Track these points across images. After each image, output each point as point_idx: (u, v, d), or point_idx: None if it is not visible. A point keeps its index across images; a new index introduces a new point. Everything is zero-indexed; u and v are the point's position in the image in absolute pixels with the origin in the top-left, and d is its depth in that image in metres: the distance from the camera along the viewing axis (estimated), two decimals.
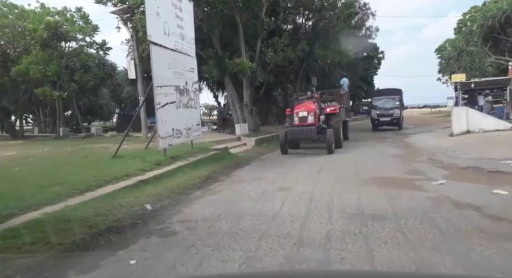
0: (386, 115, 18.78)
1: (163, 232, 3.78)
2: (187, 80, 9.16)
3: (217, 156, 9.44)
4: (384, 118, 18.79)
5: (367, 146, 12.31)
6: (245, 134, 14.68)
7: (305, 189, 5.51)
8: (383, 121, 18.92)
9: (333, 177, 6.52)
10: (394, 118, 18.68)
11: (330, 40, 22.96)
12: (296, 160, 9.24)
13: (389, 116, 18.73)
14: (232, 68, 14.62)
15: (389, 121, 18.78)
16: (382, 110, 18.98)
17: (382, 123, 19.00)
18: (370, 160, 8.76)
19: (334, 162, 8.69)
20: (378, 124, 19.07)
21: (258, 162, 9.35)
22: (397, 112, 18.74)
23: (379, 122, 19.02)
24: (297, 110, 10.64)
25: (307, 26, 23.64)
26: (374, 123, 19.34)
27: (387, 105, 19.09)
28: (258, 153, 11.53)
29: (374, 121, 19.30)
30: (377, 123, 19.07)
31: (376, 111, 19.28)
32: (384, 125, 19.13)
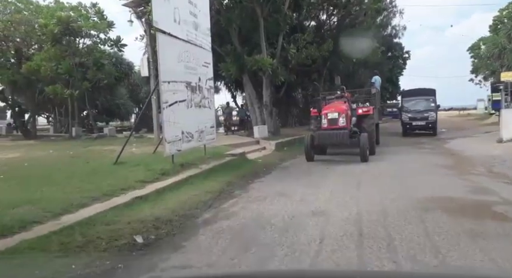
0: (420, 118, 16.31)
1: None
2: (200, 76, 8.01)
3: (233, 162, 8.24)
4: (417, 122, 16.36)
5: (403, 153, 10.81)
6: (264, 137, 13.44)
7: (347, 214, 4.21)
8: (416, 126, 16.52)
9: (378, 195, 5.17)
10: (429, 123, 16.20)
11: (356, 37, 21.49)
12: (325, 170, 7.91)
13: (423, 120, 16.24)
14: (251, 65, 13.42)
15: (423, 125, 16.38)
16: (415, 113, 16.52)
17: (415, 127, 16.62)
18: (416, 171, 7.34)
19: (372, 172, 7.32)
20: (410, 129, 16.79)
21: (280, 171, 8.07)
22: (432, 116, 16.18)
23: (411, 126, 16.63)
24: (325, 111, 9.30)
25: (331, 23, 22.21)
26: (405, 127, 17.03)
27: (420, 107, 16.64)
28: (279, 158, 10.26)
29: (405, 125, 16.90)
30: (409, 127, 16.73)
31: (407, 113, 16.81)
32: (416, 130, 16.81)
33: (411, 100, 17.37)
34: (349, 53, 20.49)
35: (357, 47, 21.32)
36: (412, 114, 16.53)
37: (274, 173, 7.74)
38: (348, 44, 20.80)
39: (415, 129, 16.71)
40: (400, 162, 8.72)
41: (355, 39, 21.40)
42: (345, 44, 20.66)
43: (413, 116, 16.46)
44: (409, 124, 16.62)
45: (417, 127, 16.59)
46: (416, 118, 16.36)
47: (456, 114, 48.52)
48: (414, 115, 16.44)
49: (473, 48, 29.88)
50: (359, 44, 21.48)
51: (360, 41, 21.83)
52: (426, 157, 9.77)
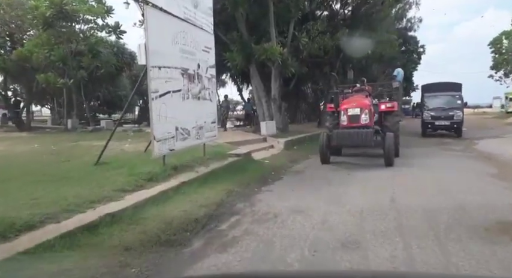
0: (444, 117, 14.25)
1: None
2: (199, 62, 6.79)
3: (237, 164, 7.04)
4: (441, 122, 14.34)
5: (431, 156, 9.51)
6: (272, 134, 12.22)
7: (391, 249, 3.01)
8: (438, 126, 14.55)
9: (425, 219, 3.92)
10: (454, 122, 14.12)
11: (372, 28, 20.04)
12: (346, 176, 6.67)
13: (447, 119, 14.17)
14: (259, 54, 12.15)
15: (447, 125, 14.37)
16: (438, 111, 14.41)
17: (437, 127, 14.65)
18: (459, 181, 6.06)
19: (404, 182, 6.06)
20: (432, 129, 14.85)
21: (292, 176, 6.84)
22: (458, 115, 14.09)
23: (434, 126, 14.66)
24: (345, 106, 8.03)
25: (345, 12, 20.76)
26: (426, 127, 14.99)
27: (445, 105, 14.49)
28: (289, 159, 9.04)
29: (426, 124, 14.85)
30: (431, 127, 14.76)
31: (429, 111, 14.69)
32: (439, 130, 14.88)
33: (434, 96, 15.20)
34: (363, 46, 19.08)
35: (373, 38, 19.94)
36: (435, 112, 14.48)
37: (285, 179, 6.51)
38: (364, 34, 19.44)
39: (438, 128, 14.79)
40: (433, 168, 7.44)
41: (371, 31, 20.01)
42: (361, 34, 19.32)
43: (436, 115, 14.41)
44: (431, 124, 14.65)
45: (440, 128, 14.67)
46: (439, 117, 14.34)
47: (471, 112, 46.73)
48: (438, 113, 14.40)
49: (495, 43, 28.17)
50: (375, 35, 20.09)
51: (376, 33, 20.43)
52: (460, 161, 8.47)
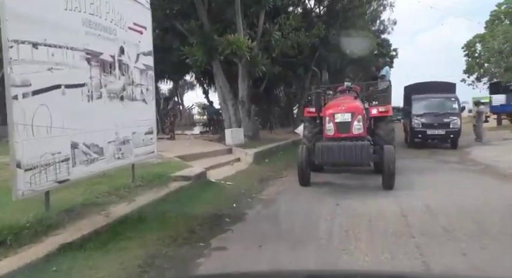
0: (438, 125, 11.44)
1: None
2: (124, 46, 4.60)
3: (182, 194, 4.88)
4: (434, 131, 11.47)
5: (429, 172, 7.76)
6: (239, 143, 10.13)
7: None
8: (431, 136, 11.68)
9: None
10: (450, 132, 11.41)
11: (349, 26, 18.61)
12: (336, 209, 4.69)
13: (442, 128, 11.39)
14: (223, 47, 10.06)
15: (442, 135, 11.59)
16: (430, 117, 11.61)
17: (429, 137, 11.79)
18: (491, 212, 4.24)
19: (419, 218, 4.15)
20: (422, 139, 11.98)
21: (260, 212, 4.71)
22: (456, 123, 11.42)
23: (425, 136, 11.75)
24: (331, 110, 6.08)
25: (320, 9, 19.17)
26: (414, 136, 12.10)
27: (438, 109, 11.83)
28: (259, 178, 7.00)
29: (416, 133, 11.91)
30: (421, 137, 11.87)
31: (419, 118, 11.76)
32: (430, 140, 12.05)
33: (424, 98, 12.29)
34: (340, 45, 17.55)
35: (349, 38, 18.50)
36: (427, 118, 11.62)
37: (249, 218, 4.38)
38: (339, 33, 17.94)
39: (429, 138, 11.95)
40: (443, 191, 5.63)
41: (347, 30, 18.58)
42: (337, 33, 17.81)
43: (428, 122, 11.55)
44: (421, 133, 11.73)
45: (433, 138, 11.85)
46: (432, 125, 11.49)
47: None
48: (430, 120, 11.56)
49: (469, 46, 27.76)
50: (351, 34, 18.66)
51: (352, 32, 19.02)
52: (472, 179, 6.77)
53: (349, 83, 7.43)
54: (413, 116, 12.00)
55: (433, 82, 13.98)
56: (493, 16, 26.93)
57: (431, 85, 13.41)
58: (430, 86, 13.15)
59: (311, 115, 7.43)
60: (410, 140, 12.47)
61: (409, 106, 12.67)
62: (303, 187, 6.12)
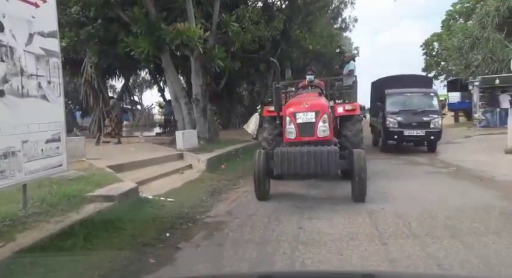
0: (417, 125, 9.83)
1: None
2: (2, 20, 3.28)
3: (93, 225, 3.61)
4: (412, 132, 9.87)
5: (400, 175, 7.07)
6: (192, 147, 8.92)
7: None
8: (409, 137, 10.07)
9: None
10: (431, 133, 9.83)
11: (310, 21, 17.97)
12: (299, 236, 3.67)
13: (421, 128, 9.81)
14: (172, 37, 8.80)
15: (421, 137, 9.96)
16: (408, 115, 9.99)
17: (407, 139, 10.23)
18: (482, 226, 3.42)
19: (404, 247, 3.23)
20: (399, 140, 10.37)
21: (198, 248, 3.43)
22: (436, 122, 9.90)
23: (402, 137, 10.09)
24: (292, 109, 5.08)
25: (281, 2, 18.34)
26: (389, 137, 10.39)
27: (415, 106, 10.21)
28: (209, 191, 5.88)
29: (391, 134, 10.19)
30: (397, 138, 10.19)
31: (395, 116, 10.10)
32: (407, 142, 10.58)
33: (399, 94, 10.58)
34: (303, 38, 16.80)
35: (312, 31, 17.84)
36: (404, 117, 9.96)
37: (182, 258, 3.18)
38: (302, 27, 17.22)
39: (407, 141, 10.43)
40: (426, 203, 4.82)
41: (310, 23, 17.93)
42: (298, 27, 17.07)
43: (405, 121, 9.91)
44: (398, 134, 9.99)
45: (411, 140, 10.31)
46: (410, 125, 9.85)
47: None
48: (407, 119, 9.91)
49: (427, 44, 28.31)
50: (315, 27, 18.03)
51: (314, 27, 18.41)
52: (449, 184, 6.06)
53: (311, 76, 6.49)
54: (388, 114, 10.24)
55: (406, 76, 12.65)
56: (449, 15, 27.64)
57: (404, 79, 11.89)
58: (403, 80, 11.55)
59: (270, 115, 6.43)
60: (383, 142, 10.75)
61: (381, 103, 10.88)
62: (261, 202, 5.08)
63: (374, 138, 12.49)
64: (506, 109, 14.31)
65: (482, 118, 14.97)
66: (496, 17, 16.10)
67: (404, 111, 10.14)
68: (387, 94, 10.71)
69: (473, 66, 16.26)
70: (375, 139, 12.38)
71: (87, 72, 14.64)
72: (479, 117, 14.90)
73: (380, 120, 10.92)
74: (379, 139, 11.31)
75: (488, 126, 14.58)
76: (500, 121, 14.36)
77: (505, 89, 15.06)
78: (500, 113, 14.67)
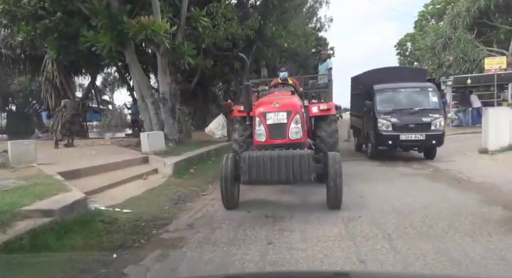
0: (416, 127, 8.16)
1: None
2: None
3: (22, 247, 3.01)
4: (410, 135, 8.14)
5: (379, 177, 6.79)
6: (159, 150, 8.30)
7: None
8: (406, 142, 8.29)
9: None
10: (433, 136, 8.14)
11: (285, 19, 17.66)
12: (268, 253, 3.21)
13: (422, 130, 8.12)
14: (135, 32, 8.16)
15: (421, 141, 8.21)
16: (404, 116, 8.34)
17: (403, 144, 8.40)
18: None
19: (385, 265, 2.84)
20: (393, 146, 8.60)
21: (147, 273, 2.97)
22: (439, 123, 8.23)
23: (397, 142, 8.32)
24: (261, 109, 4.63)
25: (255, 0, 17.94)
26: (381, 142, 8.59)
27: (412, 104, 8.52)
28: (173, 199, 5.35)
29: (384, 139, 8.39)
30: (391, 143, 8.42)
31: (388, 116, 8.40)
32: (402, 147, 8.85)
33: (393, 90, 8.84)
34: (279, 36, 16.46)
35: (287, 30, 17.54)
36: (400, 118, 8.25)
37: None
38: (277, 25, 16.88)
39: (404, 146, 8.68)
40: (404, 208, 4.50)
41: (286, 20, 17.63)
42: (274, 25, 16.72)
43: (401, 123, 8.18)
44: (392, 139, 8.20)
45: (408, 145, 8.51)
46: (407, 127, 8.14)
47: None
48: (404, 120, 8.21)
49: (401, 44, 28.76)
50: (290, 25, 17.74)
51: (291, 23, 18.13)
52: (427, 187, 5.78)
53: (285, 73, 6.07)
54: (379, 115, 8.38)
55: (395, 68, 10.88)
56: (421, 16, 28.18)
57: (393, 72, 10.13)
58: (392, 74, 9.80)
59: (241, 115, 5.96)
60: (373, 148, 8.90)
61: (369, 100, 8.87)
62: (229, 212, 4.61)
63: (358, 143, 10.81)
64: (478, 109, 14.53)
65: (455, 117, 15.14)
66: (467, 18, 16.38)
67: (398, 111, 8.39)
68: (377, 90, 8.83)
69: (446, 66, 16.46)
70: (358, 144, 10.73)
71: (47, 69, 13.64)
72: (452, 117, 15.05)
73: (368, 121, 9.01)
74: (367, 145, 9.40)
75: (461, 125, 14.74)
76: (472, 121, 14.55)
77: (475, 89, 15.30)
78: (472, 112, 14.87)
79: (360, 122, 10.13)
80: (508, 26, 16.99)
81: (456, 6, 17.37)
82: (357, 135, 11.07)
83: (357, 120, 10.81)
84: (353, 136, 11.56)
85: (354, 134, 11.40)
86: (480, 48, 16.25)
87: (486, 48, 16.34)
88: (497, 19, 17.18)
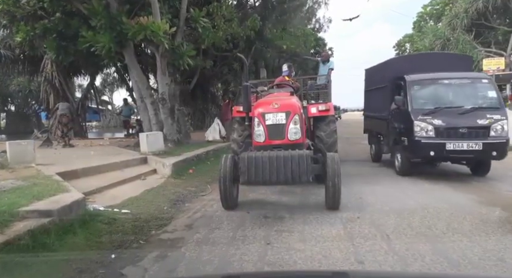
0: (470, 133, 5.98)
1: None
2: None
3: (18, 249, 3.00)
4: (462, 144, 5.91)
5: (374, 178, 6.78)
6: (158, 151, 8.30)
7: None
8: (456, 154, 6.04)
9: None
10: (492, 145, 5.92)
11: (285, 20, 17.70)
12: (267, 254, 3.22)
13: (477, 137, 5.95)
14: (134, 32, 8.16)
15: (477, 153, 5.96)
16: (452, 117, 6.13)
17: (451, 155, 6.11)
18: None
19: (384, 267, 2.85)
20: (437, 158, 6.53)
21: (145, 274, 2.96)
22: (500, 126, 5.97)
23: (443, 154, 6.06)
24: (260, 109, 4.64)
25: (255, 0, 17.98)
26: (417, 153, 6.41)
27: (461, 101, 6.38)
28: (172, 200, 5.35)
29: (422, 148, 6.20)
30: (435, 155, 6.09)
31: (429, 118, 6.21)
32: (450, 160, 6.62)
33: (433, 82, 6.75)
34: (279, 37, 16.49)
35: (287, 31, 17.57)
36: (446, 120, 6.12)
37: None
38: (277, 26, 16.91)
39: (452, 159, 6.52)
40: (402, 208, 4.50)
41: (285, 21, 17.66)
42: (273, 26, 16.75)
43: (448, 127, 6.08)
44: (435, 148, 6.06)
45: (458, 157, 6.30)
46: (457, 133, 6.03)
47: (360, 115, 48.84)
48: (451, 122, 6.09)
49: (400, 45, 28.82)
50: (290, 26, 17.77)
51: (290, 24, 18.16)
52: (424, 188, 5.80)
53: (287, 72, 6.09)
54: (415, 114, 6.31)
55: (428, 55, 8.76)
56: (420, 17, 28.23)
57: (427, 60, 7.94)
58: (425, 62, 7.64)
59: (240, 115, 5.97)
60: (404, 161, 6.73)
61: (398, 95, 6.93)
62: (228, 212, 4.61)
63: (376, 151, 8.81)
64: None
65: None
66: (465, 19, 16.43)
67: (443, 110, 6.21)
68: (410, 82, 6.75)
69: None
70: (376, 153, 8.77)
71: (46, 70, 13.62)
72: None
73: (398, 124, 6.99)
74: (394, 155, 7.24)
75: None
76: None
77: None
78: None
79: (381, 125, 8.12)
80: (506, 27, 17.05)
81: (454, 7, 17.41)
82: (374, 142, 8.96)
83: (375, 123, 8.75)
84: (368, 143, 9.57)
85: (370, 140, 9.38)
86: (478, 49, 16.29)
87: (484, 49, 16.41)
88: (495, 20, 17.24)
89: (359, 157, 9.79)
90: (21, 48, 12.72)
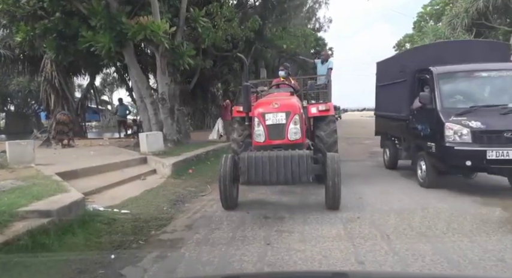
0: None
1: None
2: None
3: (17, 249, 2.99)
4: (505, 151, 4.69)
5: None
6: (158, 151, 8.29)
7: None
8: (497, 164, 4.79)
9: None
10: None
11: (285, 20, 17.68)
12: (267, 254, 3.22)
13: None
14: (134, 32, 8.15)
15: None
16: (493, 119, 4.96)
17: (492, 166, 4.88)
18: None
19: (384, 267, 2.84)
20: (474, 169, 5.19)
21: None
22: None
23: (481, 163, 4.84)
24: (261, 109, 4.64)
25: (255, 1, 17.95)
26: (450, 162, 5.16)
27: (502, 98, 5.31)
28: (172, 200, 5.34)
29: (456, 157, 4.99)
30: (473, 164, 4.87)
31: (464, 119, 4.99)
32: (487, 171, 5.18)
33: (466, 75, 5.60)
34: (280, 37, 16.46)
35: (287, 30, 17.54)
36: (485, 122, 4.92)
37: None
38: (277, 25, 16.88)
39: (492, 170, 5.07)
40: (402, 208, 4.50)
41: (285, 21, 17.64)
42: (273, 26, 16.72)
43: (489, 130, 4.90)
44: (472, 157, 4.87)
45: (501, 168, 4.93)
46: (499, 137, 4.83)
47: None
48: (492, 125, 4.92)
49: (400, 45, 28.82)
50: (290, 26, 17.74)
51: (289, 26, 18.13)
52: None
53: (282, 72, 6.08)
54: (447, 115, 5.21)
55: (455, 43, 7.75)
56: (420, 17, 28.22)
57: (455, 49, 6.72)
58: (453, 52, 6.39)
59: (240, 115, 5.96)
60: (432, 171, 5.57)
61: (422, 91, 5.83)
62: (227, 212, 4.60)
63: (390, 157, 7.64)
64: None
65: None
66: (465, 19, 16.41)
67: (481, 110, 5.12)
68: (438, 75, 5.63)
69: None
70: (391, 159, 7.61)
71: (46, 70, 13.61)
72: None
73: (423, 126, 5.86)
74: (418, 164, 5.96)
75: None
76: None
77: None
78: None
79: (398, 126, 7.10)
80: (507, 27, 17.03)
81: (455, 7, 17.39)
82: (388, 146, 7.84)
83: (390, 124, 7.66)
84: (381, 147, 8.41)
85: (383, 144, 8.24)
86: None
87: None
88: (496, 20, 17.21)
89: (359, 157, 9.78)
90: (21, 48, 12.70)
